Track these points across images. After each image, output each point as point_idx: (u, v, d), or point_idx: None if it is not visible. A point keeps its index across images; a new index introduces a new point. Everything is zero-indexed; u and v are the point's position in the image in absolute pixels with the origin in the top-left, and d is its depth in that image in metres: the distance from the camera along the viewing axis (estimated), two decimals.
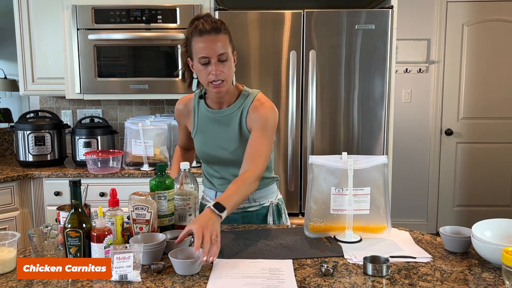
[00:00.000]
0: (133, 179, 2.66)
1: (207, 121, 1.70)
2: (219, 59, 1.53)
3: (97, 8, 2.73)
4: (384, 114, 2.65)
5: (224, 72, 1.54)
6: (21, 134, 2.80)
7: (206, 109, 1.69)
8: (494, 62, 4.00)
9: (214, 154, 1.69)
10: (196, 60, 1.56)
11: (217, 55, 1.52)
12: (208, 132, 1.69)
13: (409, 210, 4.20)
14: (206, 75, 1.55)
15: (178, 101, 1.80)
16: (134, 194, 1.43)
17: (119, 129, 3.21)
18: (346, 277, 1.20)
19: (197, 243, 1.24)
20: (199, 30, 1.52)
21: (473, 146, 4.12)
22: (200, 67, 1.55)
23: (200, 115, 1.71)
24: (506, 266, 1.08)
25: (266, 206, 1.76)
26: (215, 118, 1.67)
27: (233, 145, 1.65)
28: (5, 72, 4.49)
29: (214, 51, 1.51)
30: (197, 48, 1.54)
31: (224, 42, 1.54)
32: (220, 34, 1.53)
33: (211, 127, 1.68)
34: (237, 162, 1.63)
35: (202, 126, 1.70)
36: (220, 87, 1.56)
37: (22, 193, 2.69)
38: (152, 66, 2.80)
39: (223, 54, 1.53)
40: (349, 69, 2.63)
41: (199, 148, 1.73)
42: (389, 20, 2.59)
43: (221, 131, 1.67)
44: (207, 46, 1.51)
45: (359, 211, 1.46)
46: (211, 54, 1.51)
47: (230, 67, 1.56)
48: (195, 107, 1.73)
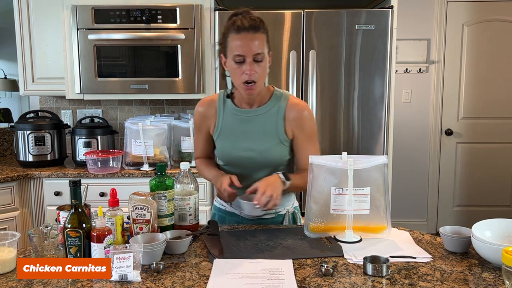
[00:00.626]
0: (133, 179, 2.66)
1: (235, 121, 1.64)
2: (255, 59, 1.48)
3: (97, 8, 2.73)
4: (384, 114, 2.65)
5: (258, 73, 1.49)
6: (21, 134, 2.80)
7: (235, 108, 1.65)
8: (494, 62, 4.00)
9: (240, 155, 1.64)
10: (231, 58, 1.51)
11: (253, 54, 1.47)
12: (235, 132, 1.64)
13: (409, 210, 4.20)
14: (240, 74, 1.50)
15: (198, 104, 1.72)
16: (134, 194, 1.43)
17: (119, 129, 3.21)
18: (346, 277, 1.20)
19: (258, 195, 1.44)
20: (237, 26, 1.48)
21: (473, 146, 4.12)
22: (234, 65, 1.51)
23: (226, 115, 1.65)
24: (506, 266, 1.08)
25: (282, 214, 1.73)
26: (245, 117, 1.63)
27: (264, 146, 1.61)
28: (5, 72, 4.50)
29: (251, 50, 1.47)
30: (233, 45, 1.49)
31: (261, 41, 1.49)
32: (258, 32, 1.48)
33: (240, 127, 1.64)
34: (262, 164, 1.61)
35: (229, 126, 1.65)
36: (252, 89, 1.52)
37: (22, 193, 2.69)
38: (152, 66, 2.80)
39: (259, 54, 1.48)
40: (349, 69, 2.63)
41: (223, 149, 1.67)
42: (389, 20, 2.59)
43: (251, 131, 1.62)
44: (243, 44, 1.47)
45: (359, 211, 1.46)
46: (247, 52, 1.47)
47: (264, 68, 1.52)
48: (219, 107, 1.66)
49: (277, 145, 1.62)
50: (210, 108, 1.68)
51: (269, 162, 1.63)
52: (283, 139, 1.63)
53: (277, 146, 1.62)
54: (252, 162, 1.63)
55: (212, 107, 1.68)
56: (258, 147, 1.62)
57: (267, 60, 1.54)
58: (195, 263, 1.32)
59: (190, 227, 1.54)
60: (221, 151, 1.69)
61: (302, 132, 1.63)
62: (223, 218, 1.76)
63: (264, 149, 1.62)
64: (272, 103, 1.63)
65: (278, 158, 1.64)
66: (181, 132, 2.80)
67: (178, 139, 2.82)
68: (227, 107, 1.66)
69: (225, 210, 1.76)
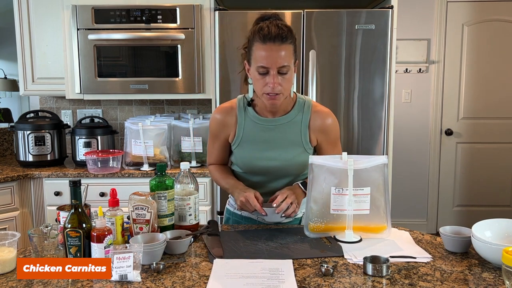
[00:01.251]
0: (133, 179, 2.66)
1: (257, 130, 1.59)
2: (279, 71, 1.42)
3: (97, 8, 2.73)
4: (384, 114, 2.65)
5: (282, 86, 1.44)
6: (21, 134, 2.80)
7: (257, 117, 1.59)
8: (494, 62, 4.00)
9: (262, 165, 1.60)
10: (254, 67, 1.44)
11: (277, 67, 1.41)
12: (257, 141, 1.59)
13: (409, 210, 4.20)
14: (262, 85, 1.44)
15: (216, 110, 1.66)
16: (134, 194, 1.43)
17: (119, 129, 3.21)
18: (346, 277, 1.20)
19: (279, 198, 1.47)
20: (263, 35, 1.40)
21: (473, 146, 4.12)
22: (257, 76, 1.45)
23: (247, 124, 1.59)
24: (506, 266, 1.08)
25: (298, 218, 1.72)
26: (269, 126, 1.58)
27: (288, 155, 1.58)
28: (5, 72, 4.50)
29: (275, 62, 1.40)
30: (257, 55, 1.42)
31: (288, 53, 1.42)
32: (285, 43, 1.41)
33: (262, 136, 1.59)
34: (284, 173, 1.60)
35: (250, 135, 1.60)
36: (275, 100, 1.47)
37: (22, 193, 2.69)
38: (152, 66, 2.80)
39: (285, 66, 1.42)
40: (349, 69, 2.63)
41: (244, 158, 1.62)
42: (389, 20, 2.59)
43: (274, 140, 1.58)
44: (268, 56, 1.39)
45: (359, 211, 1.46)
46: (271, 65, 1.40)
47: (289, 81, 1.46)
48: (240, 114, 1.60)
49: (302, 154, 1.60)
50: (230, 116, 1.62)
51: (292, 170, 1.61)
52: (308, 147, 1.61)
53: (302, 154, 1.60)
54: (274, 171, 1.61)
55: (231, 114, 1.62)
56: (282, 156, 1.59)
57: (293, 71, 1.48)
58: (195, 263, 1.32)
59: (190, 227, 1.54)
60: (241, 159, 1.63)
61: (327, 139, 1.63)
62: (238, 222, 1.73)
63: (289, 159, 1.59)
64: (295, 112, 1.59)
65: (302, 166, 1.60)
66: (181, 132, 2.80)
67: (178, 139, 2.82)
68: (248, 116, 1.60)
69: (241, 215, 1.73)
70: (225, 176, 1.67)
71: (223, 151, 1.70)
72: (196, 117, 2.86)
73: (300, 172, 1.63)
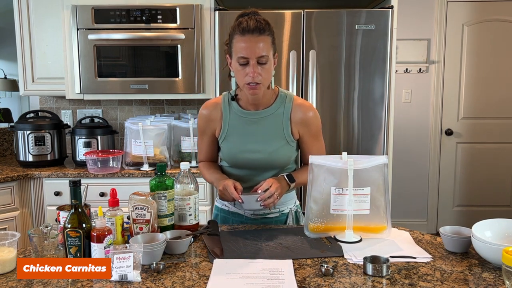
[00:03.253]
0: (133, 179, 2.66)
1: (241, 123, 1.64)
2: (258, 61, 1.49)
3: (97, 8, 2.73)
4: (384, 114, 2.65)
5: (261, 75, 1.50)
6: (21, 134, 2.80)
7: (240, 110, 1.65)
8: (494, 62, 4.00)
9: (247, 157, 1.64)
10: (235, 59, 1.52)
11: (256, 57, 1.48)
12: (241, 134, 1.64)
13: (409, 210, 4.20)
14: (243, 76, 1.51)
15: (202, 107, 1.71)
16: (134, 194, 1.43)
17: (119, 129, 3.21)
18: (346, 277, 1.20)
19: (264, 186, 1.50)
20: (242, 28, 1.48)
21: (473, 146, 4.12)
22: (238, 67, 1.52)
23: (232, 118, 1.65)
24: (506, 266, 1.08)
25: (285, 213, 1.74)
26: (252, 119, 1.64)
27: (271, 147, 1.62)
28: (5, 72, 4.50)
29: (254, 52, 1.47)
30: (237, 47, 1.50)
31: (266, 44, 1.49)
32: (263, 35, 1.48)
33: (246, 129, 1.64)
34: (269, 166, 1.63)
35: (235, 128, 1.65)
36: (256, 89, 1.53)
37: (22, 193, 2.69)
38: (152, 66, 2.80)
39: (263, 56, 1.49)
40: (349, 69, 2.63)
41: (229, 151, 1.67)
42: (389, 20, 2.59)
43: (257, 133, 1.63)
44: (247, 47, 1.47)
45: (359, 211, 1.46)
46: (250, 55, 1.48)
47: (268, 71, 1.53)
48: (225, 109, 1.66)
49: (284, 146, 1.64)
50: (215, 111, 1.68)
51: (276, 163, 1.65)
52: (290, 140, 1.65)
53: (284, 147, 1.64)
54: (259, 164, 1.64)
55: (217, 109, 1.68)
56: (265, 148, 1.63)
57: (272, 62, 1.54)
58: (195, 263, 1.32)
59: (190, 227, 1.54)
60: (227, 153, 1.68)
61: (309, 131, 1.66)
62: (226, 218, 1.76)
63: (272, 151, 1.63)
64: (277, 105, 1.64)
65: (286, 158, 1.66)
66: (181, 132, 2.80)
67: (178, 139, 2.82)
68: (233, 109, 1.66)
69: (228, 211, 1.76)
70: (212, 171, 1.70)
71: (212, 147, 1.74)
72: (196, 117, 2.86)
73: (284, 165, 1.67)
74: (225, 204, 1.76)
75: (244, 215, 1.73)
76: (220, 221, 1.76)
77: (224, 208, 1.77)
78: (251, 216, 1.71)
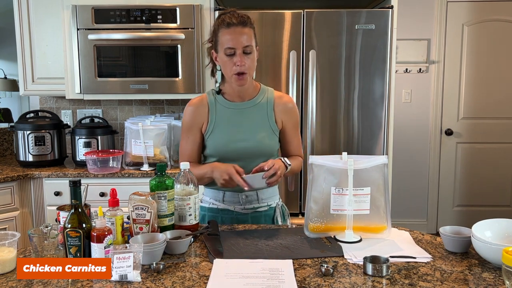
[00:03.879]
0: (133, 179, 2.66)
1: (228, 114, 1.71)
2: (244, 51, 1.59)
3: (97, 8, 2.73)
4: (384, 114, 2.65)
5: (247, 64, 1.60)
6: (21, 134, 2.80)
7: (227, 102, 1.73)
8: (494, 62, 4.00)
9: (235, 147, 1.69)
10: (222, 52, 1.61)
11: (242, 46, 1.58)
12: (229, 124, 1.70)
13: (409, 210, 4.20)
14: (231, 66, 1.60)
15: (188, 104, 1.77)
16: (134, 194, 1.43)
17: (119, 129, 3.21)
18: (346, 277, 1.20)
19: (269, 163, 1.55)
20: (226, 22, 1.59)
21: (473, 146, 4.12)
22: (225, 58, 1.61)
23: (218, 110, 1.72)
24: (506, 266, 1.08)
25: (273, 207, 1.79)
26: (238, 110, 1.71)
27: (258, 136, 1.69)
28: (5, 72, 4.50)
29: (240, 42, 1.57)
30: (223, 39, 1.59)
31: (249, 35, 1.60)
32: (246, 27, 1.60)
33: (233, 119, 1.71)
34: (256, 154, 1.68)
35: (222, 119, 1.71)
36: (243, 80, 1.62)
37: (22, 193, 2.69)
38: (152, 66, 2.80)
39: (248, 46, 1.59)
40: (349, 69, 2.63)
41: (218, 143, 1.70)
42: (389, 20, 2.59)
43: (245, 122, 1.70)
44: (233, 38, 1.57)
45: (359, 211, 1.46)
46: (236, 45, 1.57)
47: (253, 60, 1.63)
48: (211, 103, 1.73)
49: (270, 135, 1.73)
50: (202, 106, 1.74)
51: (263, 151, 1.70)
52: (275, 129, 1.74)
53: (270, 135, 1.73)
54: (247, 153, 1.68)
55: (203, 104, 1.74)
56: (252, 137, 1.69)
57: (255, 54, 1.65)
58: (195, 263, 1.32)
59: (190, 227, 1.54)
60: (214, 146, 1.71)
61: (290, 121, 1.76)
62: (214, 217, 1.76)
63: (259, 139, 1.69)
64: (260, 96, 1.74)
65: (272, 147, 1.74)
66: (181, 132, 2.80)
67: (178, 139, 2.81)
68: (219, 102, 1.73)
69: (217, 209, 1.77)
70: (199, 166, 1.72)
71: (196, 147, 1.75)
72: None
73: (270, 155, 1.73)
74: (213, 202, 1.78)
75: (234, 210, 1.75)
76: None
77: (212, 207, 1.78)
78: (242, 211, 1.74)
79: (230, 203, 1.74)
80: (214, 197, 1.77)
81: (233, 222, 1.73)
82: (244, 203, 1.74)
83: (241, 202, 1.74)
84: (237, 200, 1.74)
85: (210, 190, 1.79)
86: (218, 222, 1.72)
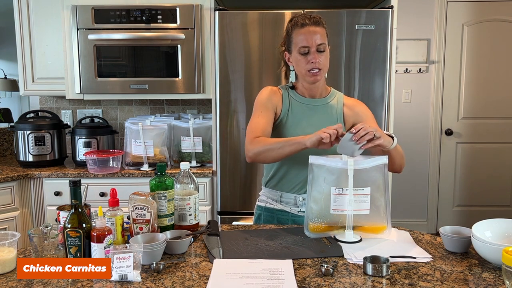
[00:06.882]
0: (133, 179, 2.66)
1: (300, 108, 1.73)
2: (318, 49, 1.63)
3: (97, 8, 2.73)
4: (384, 114, 2.65)
5: (321, 62, 1.64)
6: (21, 134, 2.81)
7: (299, 97, 1.75)
8: (494, 62, 4.00)
9: None
10: (296, 51, 1.65)
11: (316, 45, 1.62)
12: (302, 118, 1.71)
13: (409, 210, 4.20)
14: (305, 63, 1.64)
15: (265, 87, 1.76)
16: (134, 194, 1.43)
17: (119, 129, 3.22)
18: (346, 277, 1.20)
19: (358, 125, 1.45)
20: (300, 23, 1.64)
21: (473, 146, 4.12)
22: (299, 57, 1.65)
23: (292, 102, 1.74)
24: (506, 266, 1.08)
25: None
26: (311, 106, 1.73)
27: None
28: (5, 72, 4.49)
29: (314, 41, 1.62)
30: (298, 39, 1.64)
31: (322, 34, 1.65)
32: (319, 26, 1.65)
33: (306, 114, 1.72)
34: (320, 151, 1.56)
35: (294, 111, 1.72)
36: (317, 76, 1.65)
37: (22, 193, 2.69)
38: (152, 66, 2.80)
39: (322, 44, 1.63)
40: (349, 69, 2.63)
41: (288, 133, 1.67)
42: (389, 20, 2.58)
43: (315, 118, 1.71)
44: (307, 37, 1.62)
45: (359, 211, 1.46)
46: (310, 43, 1.62)
47: (327, 58, 1.67)
48: (285, 95, 1.75)
49: None
50: (278, 93, 1.76)
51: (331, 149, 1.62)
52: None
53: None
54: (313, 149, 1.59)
55: (278, 93, 1.75)
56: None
57: (328, 51, 1.69)
58: (195, 263, 1.32)
59: (190, 227, 1.54)
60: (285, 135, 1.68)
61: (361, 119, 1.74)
62: (271, 217, 1.76)
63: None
64: (331, 96, 1.78)
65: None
66: (181, 132, 2.80)
67: (178, 139, 2.82)
68: (292, 96, 1.76)
69: (273, 209, 1.76)
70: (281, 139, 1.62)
71: (269, 124, 1.68)
72: (196, 117, 2.86)
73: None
74: (270, 202, 1.76)
75: (291, 212, 1.73)
76: (263, 221, 1.77)
77: (268, 206, 1.77)
78: (298, 213, 1.72)
79: (287, 204, 1.73)
80: (272, 197, 1.76)
81: (289, 223, 1.72)
82: (300, 205, 1.72)
83: (297, 205, 1.72)
84: (294, 202, 1.72)
85: (268, 190, 1.78)
86: (274, 222, 1.74)
